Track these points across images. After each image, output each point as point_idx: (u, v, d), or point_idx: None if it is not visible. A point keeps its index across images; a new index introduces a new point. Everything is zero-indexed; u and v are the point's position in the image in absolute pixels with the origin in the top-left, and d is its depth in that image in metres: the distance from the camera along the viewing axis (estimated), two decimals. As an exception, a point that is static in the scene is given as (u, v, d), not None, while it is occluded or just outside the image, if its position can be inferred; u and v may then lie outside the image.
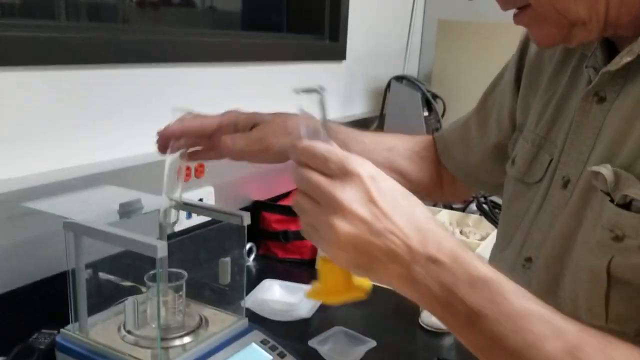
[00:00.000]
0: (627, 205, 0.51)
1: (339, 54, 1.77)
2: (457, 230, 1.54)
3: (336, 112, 1.83)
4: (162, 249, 0.68)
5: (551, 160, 0.65)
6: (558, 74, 0.68)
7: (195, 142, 0.77)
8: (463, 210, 1.63)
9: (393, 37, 2.05)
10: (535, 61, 0.73)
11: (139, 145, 1.11)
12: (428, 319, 1.10)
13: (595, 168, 0.54)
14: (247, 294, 1.03)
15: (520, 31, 0.71)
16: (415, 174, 0.89)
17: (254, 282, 1.20)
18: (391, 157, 0.87)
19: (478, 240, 1.45)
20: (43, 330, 0.89)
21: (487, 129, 0.83)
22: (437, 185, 0.91)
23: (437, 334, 1.08)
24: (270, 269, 1.33)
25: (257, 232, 1.37)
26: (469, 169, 0.87)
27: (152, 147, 0.90)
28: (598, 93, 0.58)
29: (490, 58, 1.15)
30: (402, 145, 0.90)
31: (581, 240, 0.56)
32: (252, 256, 1.35)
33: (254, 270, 1.33)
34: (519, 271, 0.64)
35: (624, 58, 0.55)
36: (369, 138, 0.88)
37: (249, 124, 0.76)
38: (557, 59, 0.69)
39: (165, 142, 0.74)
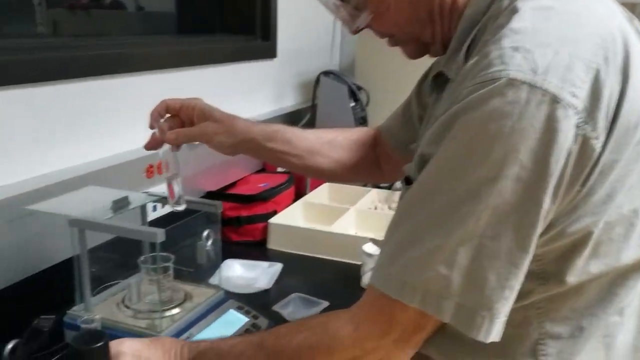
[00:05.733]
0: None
1: (270, 53, 1.93)
2: (386, 207, 1.76)
3: (269, 106, 1.99)
4: (160, 235, 0.84)
5: None
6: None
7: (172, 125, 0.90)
8: (389, 188, 1.85)
9: (319, 34, 2.23)
10: None
11: (108, 148, 1.24)
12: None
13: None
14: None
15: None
16: (354, 160, 1.06)
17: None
18: (332, 149, 1.04)
19: (404, 213, 1.68)
20: (42, 316, 1.02)
21: (424, 107, 0.96)
22: (376, 167, 1.08)
23: (377, 293, 1.30)
24: (227, 250, 1.48)
25: (212, 219, 1.53)
26: (415, 137, 0.98)
27: (119, 149, 1.01)
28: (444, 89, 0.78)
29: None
30: (341, 137, 1.07)
31: None
32: (210, 241, 1.50)
33: (211, 254, 1.49)
34: None
35: (431, 74, 0.77)
36: (312, 134, 1.04)
37: (203, 115, 0.90)
38: None
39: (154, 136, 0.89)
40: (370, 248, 1.32)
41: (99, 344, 0.58)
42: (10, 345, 0.95)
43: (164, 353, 0.72)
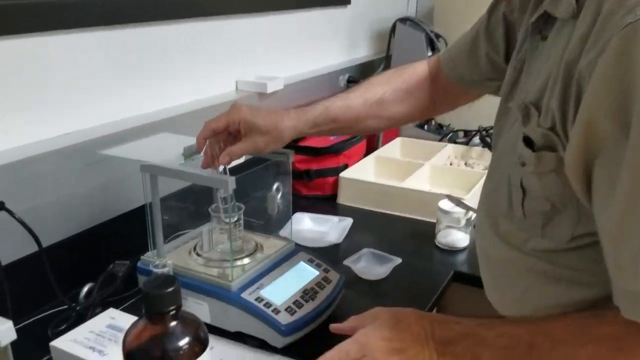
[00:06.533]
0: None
1: None
2: (462, 163, 1.68)
3: (342, 56, 1.92)
4: (232, 183, 0.81)
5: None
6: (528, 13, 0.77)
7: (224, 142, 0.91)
8: (467, 144, 1.76)
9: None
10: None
11: (182, 95, 1.22)
12: (443, 239, 1.25)
13: (511, 103, 0.69)
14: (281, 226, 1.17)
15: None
16: (407, 110, 1.02)
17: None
18: (381, 108, 1.00)
19: (482, 170, 1.59)
20: (117, 262, 1.03)
21: (494, 43, 0.90)
22: (429, 106, 1.04)
23: (451, 252, 1.24)
24: (297, 204, 1.46)
25: (282, 172, 1.51)
26: (480, 77, 0.95)
27: (193, 97, 0.97)
28: (541, 32, 0.69)
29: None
30: (390, 91, 1.01)
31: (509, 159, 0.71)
32: (280, 194, 1.48)
33: (281, 206, 1.47)
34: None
35: (534, 15, 0.67)
36: (358, 99, 0.99)
37: (248, 126, 0.89)
38: None
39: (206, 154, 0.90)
40: (446, 205, 1.26)
41: (170, 289, 0.56)
42: (85, 289, 0.97)
43: (413, 339, 0.68)
